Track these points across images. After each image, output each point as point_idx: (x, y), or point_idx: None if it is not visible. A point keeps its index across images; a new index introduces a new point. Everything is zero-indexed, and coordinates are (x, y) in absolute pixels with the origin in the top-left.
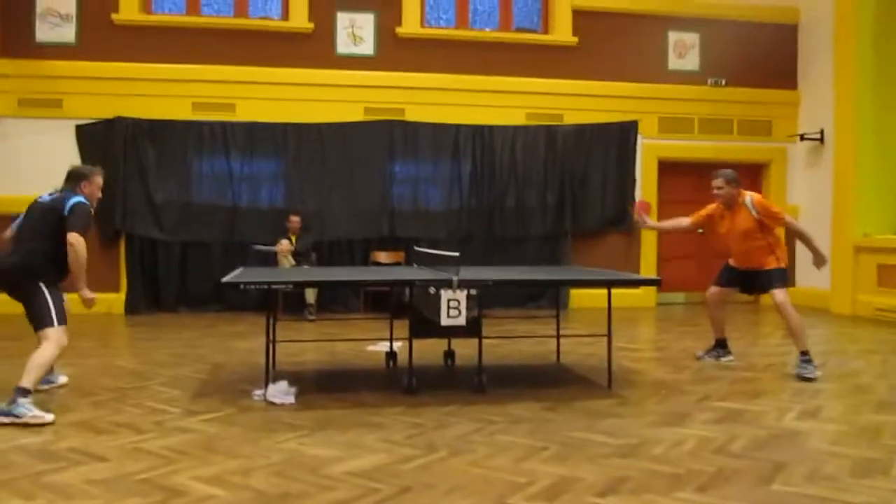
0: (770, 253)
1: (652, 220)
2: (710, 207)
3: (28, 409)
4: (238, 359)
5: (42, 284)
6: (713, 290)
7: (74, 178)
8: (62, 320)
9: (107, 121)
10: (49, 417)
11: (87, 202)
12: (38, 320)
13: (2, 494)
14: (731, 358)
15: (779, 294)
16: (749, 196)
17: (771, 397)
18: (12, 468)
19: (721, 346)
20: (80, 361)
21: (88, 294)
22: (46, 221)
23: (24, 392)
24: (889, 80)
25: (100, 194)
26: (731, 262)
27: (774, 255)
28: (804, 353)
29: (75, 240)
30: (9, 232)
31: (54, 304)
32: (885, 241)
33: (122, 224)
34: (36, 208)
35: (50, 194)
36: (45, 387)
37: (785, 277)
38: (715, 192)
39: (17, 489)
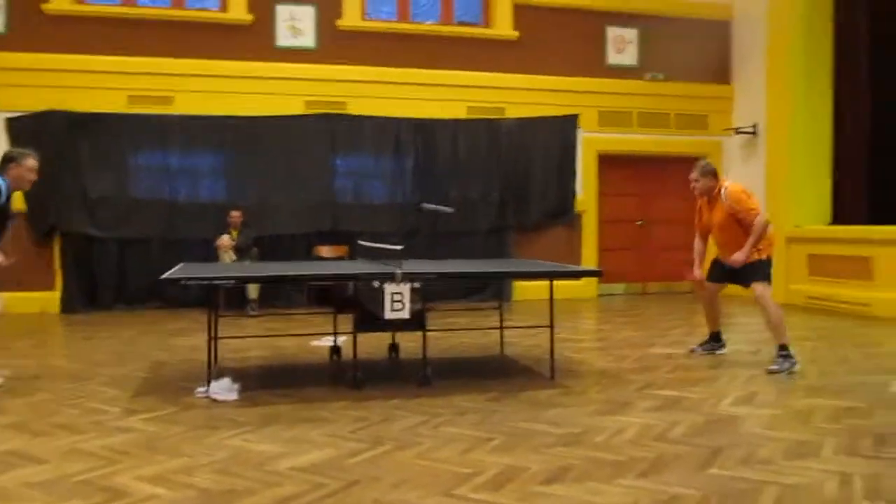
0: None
1: (698, 270)
2: (698, 206)
3: None
4: (179, 356)
5: None
6: (705, 285)
7: (2, 161)
8: None
9: (38, 114)
10: None
11: (4, 184)
12: None
13: None
14: (724, 351)
15: (757, 287)
16: (725, 188)
17: (708, 384)
18: None
19: (715, 339)
20: (15, 362)
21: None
22: None
23: None
24: (820, 75)
25: (32, 177)
26: (719, 255)
27: (755, 248)
28: (783, 346)
29: None
30: None
31: None
32: (815, 231)
33: (56, 220)
34: None
35: None
36: None
37: (765, 270)
38: (692, 184)
39: None
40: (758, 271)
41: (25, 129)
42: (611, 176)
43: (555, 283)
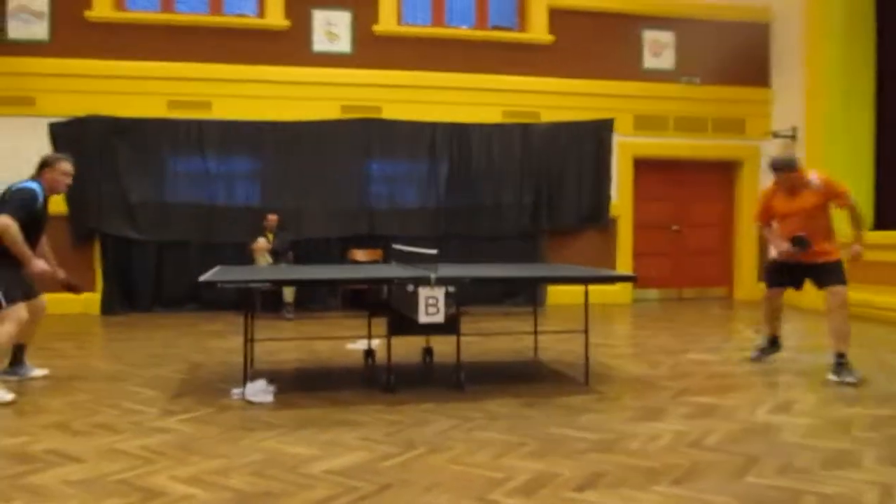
0: (829, 237)
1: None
2: (766, 194)
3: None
4: (216, 358)
5: None
6: (770, 291)
7: (39, 166)
8: (11, 298)
9: (80, 119)
10: (9, 397)
11: (32, 188)
12: None
13: None
14: (782, 354)
15: (841, 290)
16: (812, 174)
17: (744, 392)
18: None
19: (773, 343)
20: (56, 362)
21: (37, 267)
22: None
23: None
24: (858, 77)
25: (66, 181)
26: (777, 257)
27: (832, 245)
28: (843, 354)
29: (1, 222)
30: None
31: (2, 282)
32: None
33: (96, 224)
34: None
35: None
36: (13, 378)
37: (843, 271)
38: (789, 184)
39: None
40: (839, 272)
41: (67, 133)
42: (646, 180)
43: (589, 288)
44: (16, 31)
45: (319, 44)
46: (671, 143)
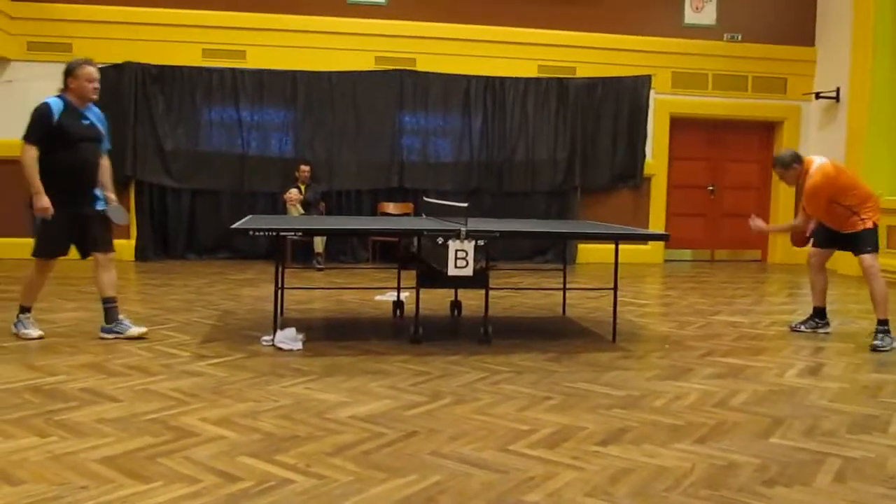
0: (852, 215)
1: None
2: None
3: (24, 326)
4: (246, 306)
5: (31, 206)
6: (812, 251)
7: (63, 74)
8: (42, 252)
9: (116, 66)
10: (35, 334)
11: (44, 103)
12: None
13: (16, 432)
14: (829, 330)
15: (866, 258)
16: (810, 177)
17: (773, 354)
18: (26, 406)
19: (819, 315)
20: (92, 305)
21: (40, 202)
22: None
23: (23, 310)
24: None
25: (93, 86)
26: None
27: (859, 217)
28: (884, 322)
29: (23, 155)
30: None
31: (38, 231)
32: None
33: (131, 170)
34: None
35: None
36: (109, 336)
37: (874, 239)
38: (779, 177)
39: (32, 427)
40: (868, 241)
41: (103, 80)
42: (683, 139)
43: (620, 246)
44: None
45: None
46: (710, 101)
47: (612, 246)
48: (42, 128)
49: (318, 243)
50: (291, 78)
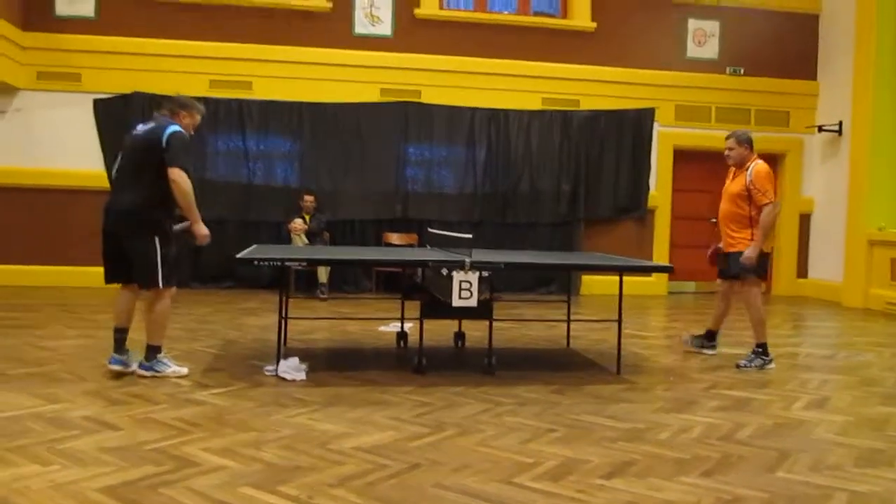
0: (747, 226)
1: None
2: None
3: (167, 365)
4: (250, 335)
5: (152, 235)
6: (718, 281)
7: (174, 104)
8: (170, 280)
9: (124, 95)
10: (185, 370)
11: (184, 132)
12: (145, 278)
13: (18, 459)
14: (713, 353)
15: (746, 284)
16: (754, 164)
17: (778, 387)
18: (28, 435)
19: (709, 337)
20: (95, 333)
21: (203, 230)
22: (150, 158)
23: (157, 350)
24: None
25: (192, 133)
26: (721, 243)
27: (751, 231)
28: (761, 345)
29: (177, 176)
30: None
31: (163, 261)
32: None
33: None
34: (131, 144)
35: (144, 124)
36: (117, 368)
37: (763, 265)
38: (726, 152)
39: (33, 455)
40: (754, 265)
41: (111, 110)
42: (686, 172)
43: (624, 278)
44: (64, 8)
45: (361, 26)
46: (713, 134)
47: (616, 278)
48: (189, 155)
49: (322, 273)
50: (297, 108)
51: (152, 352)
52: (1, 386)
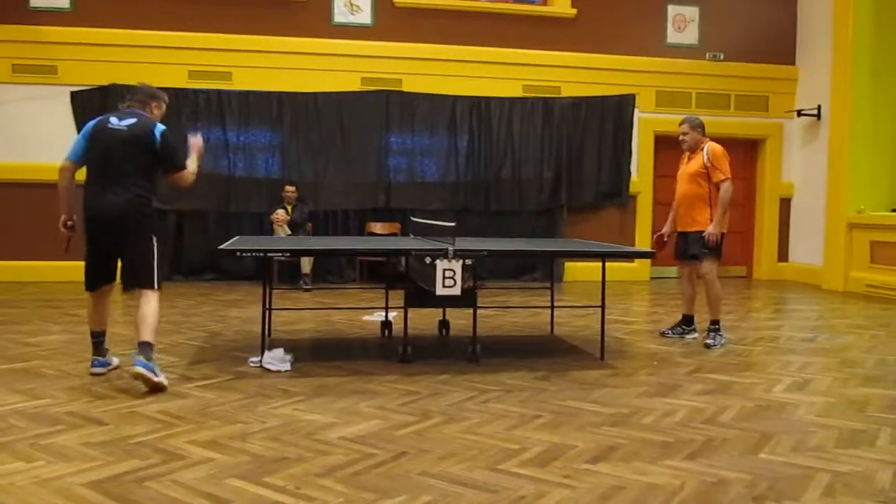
0: (705, 206)
1: (668, 229)
2: (682, 160)
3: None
4: (234, 327)
5: (151, 233)
6: (681, 263)
7: (143, 95)
8: (160, 280)
9: (102, 87)
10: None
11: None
12: (142, 278)
13: (2, 457)
14: (695, 336)
15: (705, 265)
16: (709, 144)
17: (760, 370)
18: (11, 431)
19: (686, 322)
20: (76, 328)
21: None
22: (140, 155)
23: (152, 346)
24: (887, 57)
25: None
26: (679, 226)
27: (710, 212)
28: (716, 321)
29: (188, 174)
30: (68, 172)
31: (159, 262)
32: (878, 217)
33: None
34: (113, 138)
35: (118, 118)
36: (102, 371)
37: (719, 245)
38: (680, 138)
39: (17, 451)
40: (700, 243)
41: (89, 102)
42: (667, 158)
43: (607, 265)
44: None
45: (340, 15)
46: None
47: (599, 264)
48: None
49: (306, 264)
50: (277, 99)
51: (152, 349)
52: None
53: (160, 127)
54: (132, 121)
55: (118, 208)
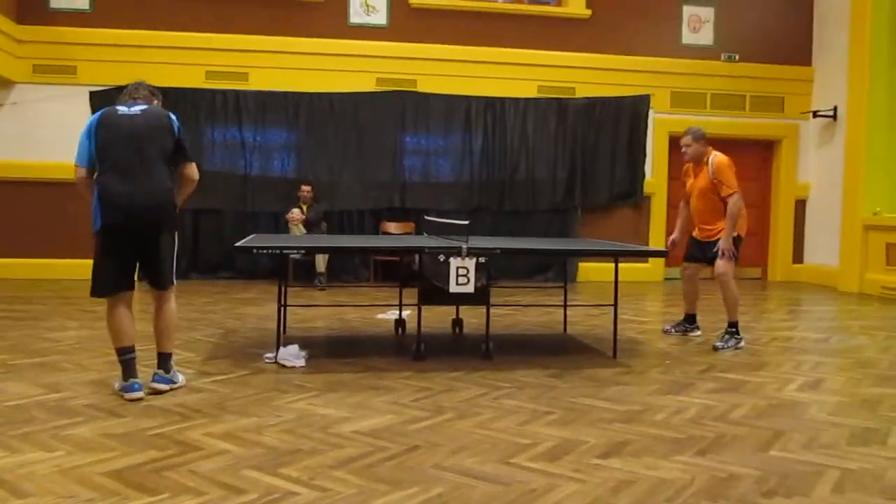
0: (722, 218)
1: (677, 235)
2: (685, 169)
3: (177, 373)
4: (250, 324)
5: (175, 231)
6: (685, 264)
7: (147, 91)
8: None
9: (120, 87)
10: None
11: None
12: (165, 277)
13: (23, 446)
14: (698, 333)
15: (720, 265)
16: (713, 157)
17: (773, 369)
18: (33, 422)
19: (689, 321)
20: (95, 324)
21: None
22: (162, 141)
23: (171, 355)
24: None
25: None
26: (695, 232)
27: (721, 222)
28: (733, 324)
29: (196, 175)
30: (87, 180)
31: (177, 257)
32: (895, 219)
33: None
34: (130, 122)
35: (127, 106)
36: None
37: (735, 248)
38: (682, 149)
39: (38, 441)
40: (733, 252)
41: (108, 102)
42: (682, 158)
43: (620, 264)
44: (59, 0)
45: (356, 16)
46: (708, 120)
47: (613, 264)
48: None
49: (321, 262)
50: (293, 99)
51: (170, 360)
52: (5, 376)
53: (167, 115)
54: (144, 107)
55: (149, 204)
